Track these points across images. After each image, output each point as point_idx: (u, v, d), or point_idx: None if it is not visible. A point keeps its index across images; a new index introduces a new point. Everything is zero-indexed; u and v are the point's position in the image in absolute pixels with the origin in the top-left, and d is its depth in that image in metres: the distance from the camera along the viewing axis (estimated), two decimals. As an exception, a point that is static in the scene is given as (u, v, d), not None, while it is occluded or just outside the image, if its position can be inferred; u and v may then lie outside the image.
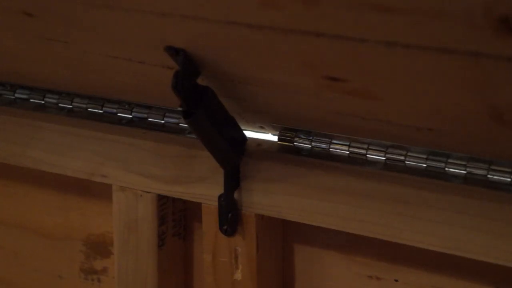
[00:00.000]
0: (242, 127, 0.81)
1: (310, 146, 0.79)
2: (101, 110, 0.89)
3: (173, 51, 0.68)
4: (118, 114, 0.88)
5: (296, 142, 0.80)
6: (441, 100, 0.63)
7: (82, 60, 0.79)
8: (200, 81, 0.73)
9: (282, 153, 0.80)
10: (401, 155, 0.75)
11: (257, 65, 0.68)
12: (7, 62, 0.87)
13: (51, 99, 0.92)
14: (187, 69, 0.69)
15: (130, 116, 0.88)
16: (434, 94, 0.62)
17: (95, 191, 0.95)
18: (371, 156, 0.77)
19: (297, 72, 0.66)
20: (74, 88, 0.90)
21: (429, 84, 0.61)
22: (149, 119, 0.87)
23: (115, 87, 0.84)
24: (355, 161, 0.78)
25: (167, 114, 0.86)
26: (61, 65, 0.82)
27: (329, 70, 0.65)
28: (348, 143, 0.78)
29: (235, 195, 0.81)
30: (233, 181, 0.80)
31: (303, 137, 0.80)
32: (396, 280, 0.84)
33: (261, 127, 0.82)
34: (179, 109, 0.71)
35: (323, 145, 0.79)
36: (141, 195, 0.86)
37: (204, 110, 0.72)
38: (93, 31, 0.73)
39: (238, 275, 0.84)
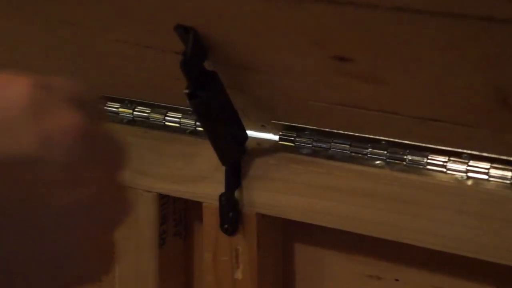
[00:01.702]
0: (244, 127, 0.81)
1: (311, 145, 0.79)
2: (103, 109, 0.89)
3: (183, 30, 0.68)
4: (120, 114, 0.88)
5: (297, 141, 0.80)
6: (448, 81, 0.62)
7: (89, 46, 0.78)
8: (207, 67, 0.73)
9: (283, 152, 0.80)
10: (402, 154, 0.75)
11: (265, 45, 0.68)
12: (13, 50, 0.86)
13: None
14: (196, 48, 0.69)
15: (131, 115, 0.88)
16: (440, 73, 0.62)
17: (95, 190, 0.95)
18: (372, 155, 0.77)
19: (304, 52, 0.66)
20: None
21: (436, 62, 0.61)
22: (150, 118, 0.87)
23: (119, 80, 0.84)
24: (356, 161, 0.78)
25: (168, 113, 0.86)
26: (68, 52, 0.82)
27: (337, 47, 0.64)
28: (349, 143, 0.78)
29: (236, 194, 0.81)
30: (234, 180, 0.80)
31: (304, 136, 0.80)
32: (397, 280, 0.84)
33: (263, 126, 0.82)
34: (185, 91, 0.71)
35: (324, 145, 0.79)
36: (142, 194, 0.86)
37: (210, 93, 0.71)
38: (102, 12, 0.73)
39: (238, 274, 0.84)
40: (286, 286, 0.90)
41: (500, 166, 0.71)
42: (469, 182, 0.73)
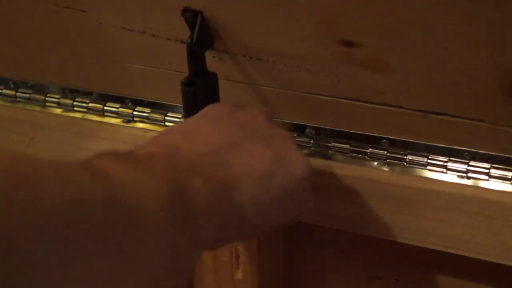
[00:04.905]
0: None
1: (310, 145, 0.79)
2: (103, 108, 0.89)
3: (191, 13, 0.69)
4: (119, 113, 0.88)
5: (297, 141, 0.80)
6: (453, 65, 0.62)
7: (95, 33, 0.78)
8: (212, 58, 0.73)
9: (283, 152, 0.80)
10: (402, 154, 0.75)
11: (272, 28, 0.68)
12: (14, 36, 0.86)
13: (52, 98, 0.92)
14: (203, 33, 0.70)
15: (131, 116, 0.88)
16: (446, 55, 0.62)
17: (95, 190, 0.94)
18: (372, 155, 0.77)
19: (311, 36, 0.66)
20: (77, 79, 0.89)
21: (442, 42, 0.61)
22: (150, 118, 0.87)
23: (122, 74, 0.84)
24: (356, 161, 0.78)
25: (168, 114, 0.86)
26: (75, 41, 0.82)
27: (345, 31, 0.64)
28: (349, 143, 0.78)
29: (236, 194, 0.81)
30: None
31: (303, 136, 0.80)
32: (397, 280, 0.84)
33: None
34: (182, 80, 0.71)
35: (323, 144, 0.79)
36: (142, 195, 0.86)
37: (206, 85, 0.72)
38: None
39: (238, 275, 0.84)
40: (286, 286, 0.90)
41: (500, 166, 0.71)
42: (470, 182, 0.73)
